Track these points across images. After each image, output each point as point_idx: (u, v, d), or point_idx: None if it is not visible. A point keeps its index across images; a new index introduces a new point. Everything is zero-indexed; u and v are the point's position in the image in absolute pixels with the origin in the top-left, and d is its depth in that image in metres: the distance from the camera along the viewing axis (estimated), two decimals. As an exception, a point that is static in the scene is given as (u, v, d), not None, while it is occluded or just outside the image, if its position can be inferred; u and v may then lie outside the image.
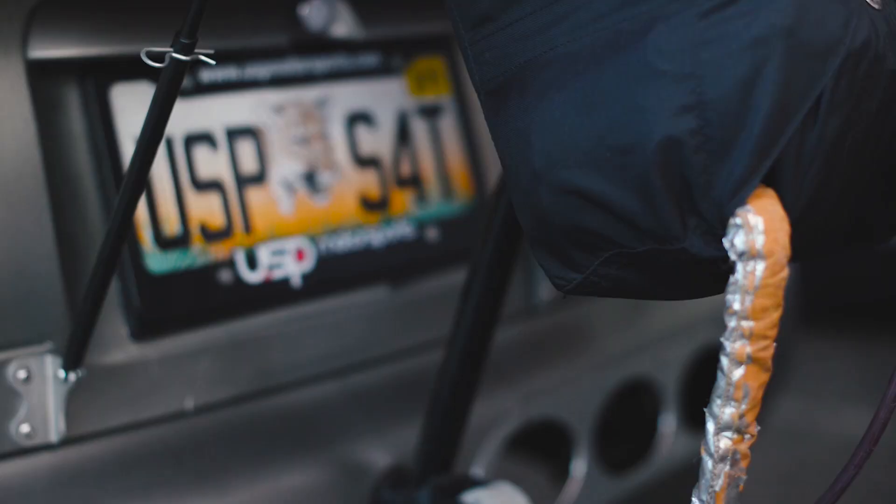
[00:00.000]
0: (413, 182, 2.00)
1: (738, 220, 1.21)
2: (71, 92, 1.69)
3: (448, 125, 2.06)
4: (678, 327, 2.41)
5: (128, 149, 1.71)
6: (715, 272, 1.28)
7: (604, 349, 2.28)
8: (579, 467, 2.20)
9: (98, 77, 1.69)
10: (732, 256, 1.22)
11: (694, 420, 2.43)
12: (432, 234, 2.01)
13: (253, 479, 1.79)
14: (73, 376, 1.61)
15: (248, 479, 1.79)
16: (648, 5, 1.26)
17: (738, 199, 1.22)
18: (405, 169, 1.99)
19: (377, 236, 1.94)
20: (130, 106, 1.72)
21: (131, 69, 1.72)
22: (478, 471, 2.02)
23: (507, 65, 1.32)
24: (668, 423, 2.37)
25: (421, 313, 2.01)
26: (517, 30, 1.32)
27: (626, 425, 2.32)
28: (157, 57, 1.37)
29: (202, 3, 1.35)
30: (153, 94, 1.41)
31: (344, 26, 1.89)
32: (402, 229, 1.98)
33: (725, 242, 1.22)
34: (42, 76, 1.64)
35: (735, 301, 1.22)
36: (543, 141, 1.29)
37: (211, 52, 1.38)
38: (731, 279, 1.22)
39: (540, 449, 2.24)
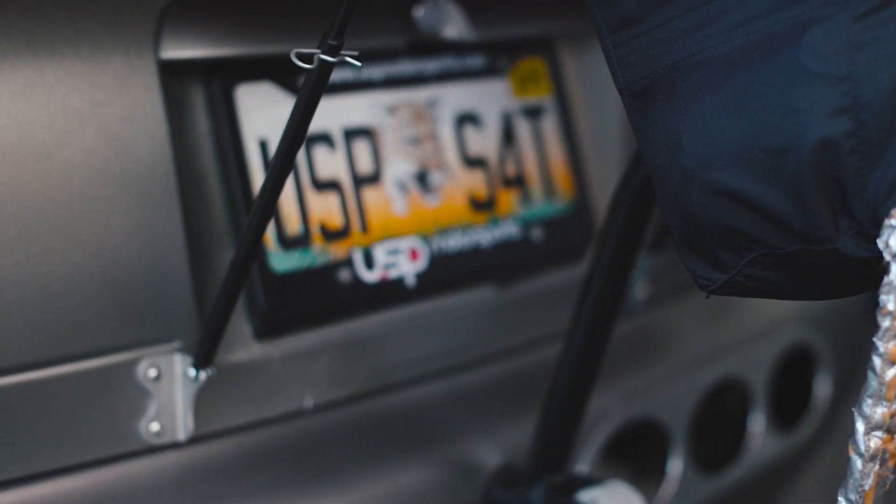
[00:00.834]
0: (518, 182, 2.00)
1: (892, 222, 1.21)
2: (196, 92, 1.69)
3: (549, 126, 2.05)
4: (766, 327, 2.40)
5: (252, 149, 1.70)
6: (865, 273, 1.27)
7: (697, 348, 2.27)
8: (675, 467, 2.19)
9: (223, 77, 1.69)
10: (887, 257, 1.21)
11: (782, 419, 2.42)
12: (536, 233, 2.00)
13: (369, 477, 1.79)
14: (203, 375, 1.60)
15: (365, 478, 1.78)
16: (802, 8, 1.25)
17: (892, 200, 1.21)
18: (510, 169, 1.99)
19: (485, 236, 1.94)
20: (254, 106, 1.71)
21: (255, 70, 1.72)
22: (581, 471, 2.02)
23: (653, 67, 1.32)
24: (758, 423, 2.36)
25: (526, 312, 2.01)
26: (663, 32, 1.31)
27: (716, 425, 2.31)
28: (305, 58, 1.37)
29: (351, 6, 1.35)
30: (298, 94, 1.40)
31: (455, 28, 1.88)
32: (508, 229, 1.97)
33: (880, 243, 1.21)
34: (171, 77, 1.64)
35: (890, 301, 1.21)
36: (694, 143, 1.28)
37: (355, 53, 1.38)
38: (886, 280, 1.21)
39: (628, 449, 2.23)
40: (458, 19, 1.88)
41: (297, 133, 1.42)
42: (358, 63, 1.37)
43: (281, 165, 1.43)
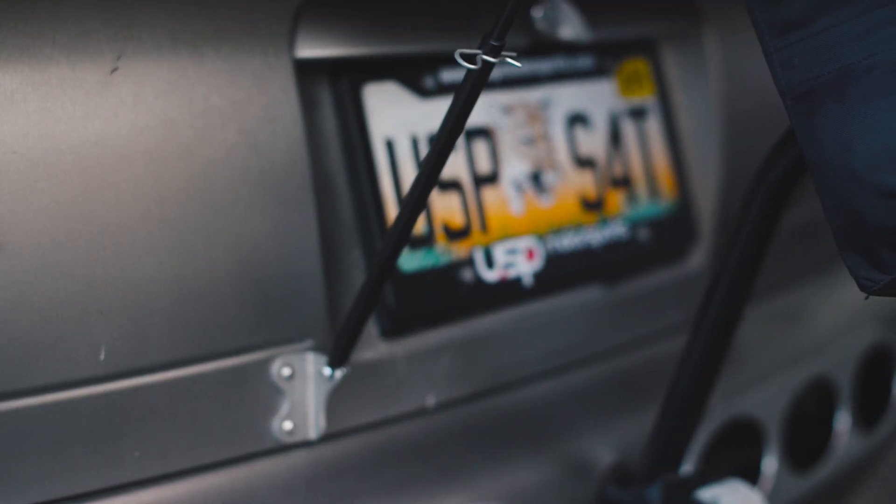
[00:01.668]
0: (624, 182, 1.96)
1: None
2: (323, 91, 1.65)
3: (653, 126, 2.02)
4: (850, 327, 2.37)
5: (379, 148, 1.67)
6: None
7: (790, 348, 2.24)
8: (770, 465, 2.16)
9: (352, 77, 1.65)
10: None
11: (864, 418, 2.39)
12: (642, 233, 1.97)
13: (489, 475, 1.75)
14: (338, 374, 1.57)
15: (485, 476, 1.75)
16: None
17: None
18: (617, 169, 1.95)
19: (595, 236, 1.90)
20: (380, 106, 1.68)
21: (380, 69, 1.68)
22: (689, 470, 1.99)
23: (818, 70, 1.29)
24: (843, 422, 2.33)
25: (632, 311, 1.97)
26: (830, 36, 1.28)
27: (805, 424, 2.28)
28: (467, 58, 1.33)
29: (515, 9, 1.31)
30: (455, 93, 1.36)
31: (571, 28, 1.85)
32: (616, 229, 1.94)
33: None
34: (303, 76, 1.60)
35: None
36: (866, 146, 1.25)
37: (514, 54, 1.34)
38: None
39: (724, 447, 2.20)
40: (573, 20, 1.85)
41: (454, 131, 1.38)
42: (517, 64, 1.34)
43: (434, 164, 1.40)
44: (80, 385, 1.43)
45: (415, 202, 1.42)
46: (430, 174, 1.41)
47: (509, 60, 1.34)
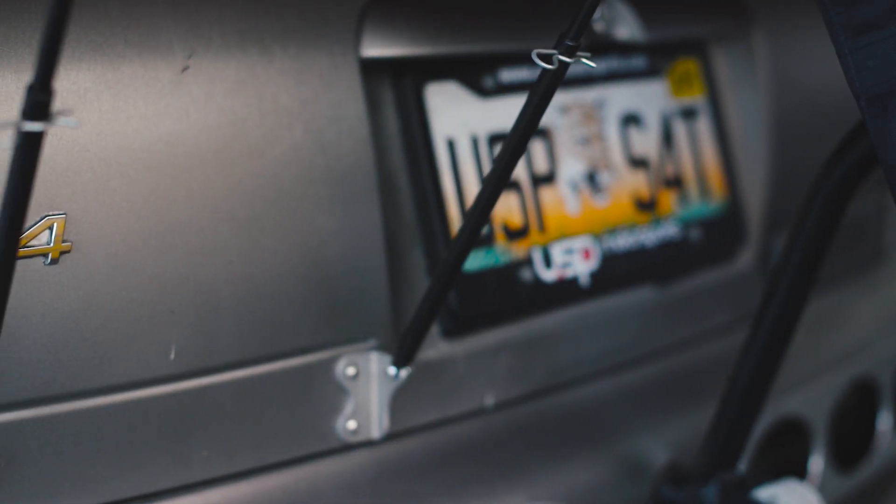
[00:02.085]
0: (676, 183, 1.94)
1: None
2: (386, 91, 1.63)
3: (703, 127, 2.00)
4: (892, 327, 2.35)
5: (441, 148, 1.65)
6: None
7: (835, 347, 2.22)
8: (816, 464, 2.14)
9: (415, 76, 1.63)
10: None
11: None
12: (693, 233, 1.95)
13: (547, 475, 1.73)
14: (403, 373, 1.55)
15: (544, 475, 1.73)
16: None
17: None
18: (669, 169, 1.93)
19: (648, 236, 1.88)
20: (441, 105, 1.65)
21: (442, 69, 1.66)
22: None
23: (894, 72, 1.27)
24: (885, 421, 2.31)
25: (685, 310, 1.95)
26: None
27: (849, 424, 2.26)
28: (544, 57, 1.31)
29: (591, 9, 1.29)
30: (530, 92, 1.34)
31: (627, 29, 1.83)
32: (668, 229, 1.91)
33: None
34: (368, 75, 1.58)
35: None
36: None
37: (588, 54, 1.32)
38: None
39: (771, 446, 2.18)
40: (629, 20, 1.83)
41: (527, 131, 1.36)
42: (592, 64, 1.32)
43: (506, 164, 1.38)
44: (151, 384, 1.41)
45: (486, 202, 1.40)
46: (501, 174, 1.38)
47: (584, 61, 1.32)
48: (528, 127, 1.36)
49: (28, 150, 1.05)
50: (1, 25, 1.30)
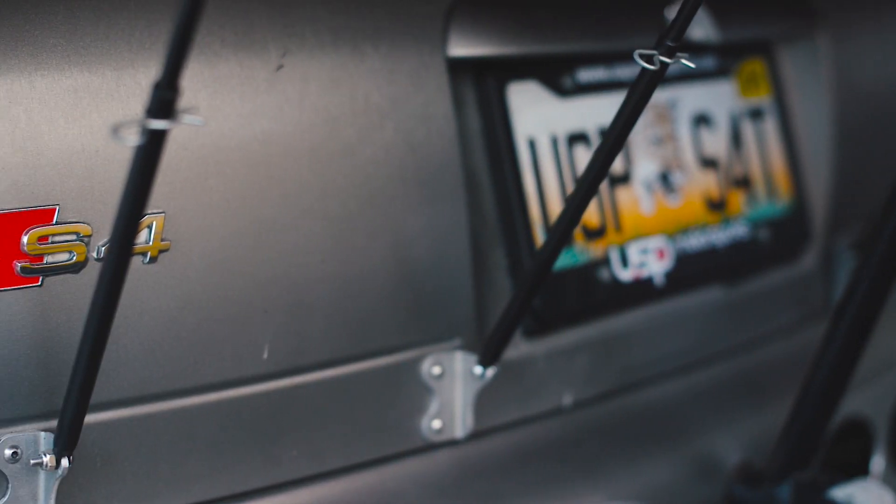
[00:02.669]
0: (744, 183, 1.91)
1: None
2: (468, 90, 1.60)
3: (769, 127, 1.97)
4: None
5: (522, 148, 1.62)
6: None
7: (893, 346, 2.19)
8: (878, 464, 2.11)
9: (497, 76, 1.60)
10: None
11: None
12: (761, 233, 1.92)
13: (624, 474, 1.70)
14: (489, 372, 1.52)
15: (621, 474, 1.70)
16: None
17: None
18: (738, 169, 1.90)
19: (718, 236, 1.86)
20: (522, 105, 1.62)
21: (523, 69, 1.63)
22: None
23: None
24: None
25: (753, 310, 1.93)
26: None
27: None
28: (645, 58, 1.29)
29: (693, 10, 1.26)
30: (628, 92, 1.32)
31: (701, 29, 1.80)
32: (737, 229, 1.89)
33: None
34: (454, 74, 1.55)
35: None
36: None
37: (686, 55, 1.30)
38: None
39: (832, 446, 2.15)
40: (703, 21, 1.80)
41: (624, 130, 1.33)
42: (692, 64, 1.29)
43: (602, 163, 1.35)
44: (244, 384, 1.38)
45: (580, 200, 1.37)
46: (598, 173, 1.36)
47: (683, 61, 1.29)
48: (625, 127, 1.33)
49: (152, 148, 1.02)
50: (101, 23, 1.27)
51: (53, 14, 1.25)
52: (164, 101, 1.01)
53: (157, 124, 1.01)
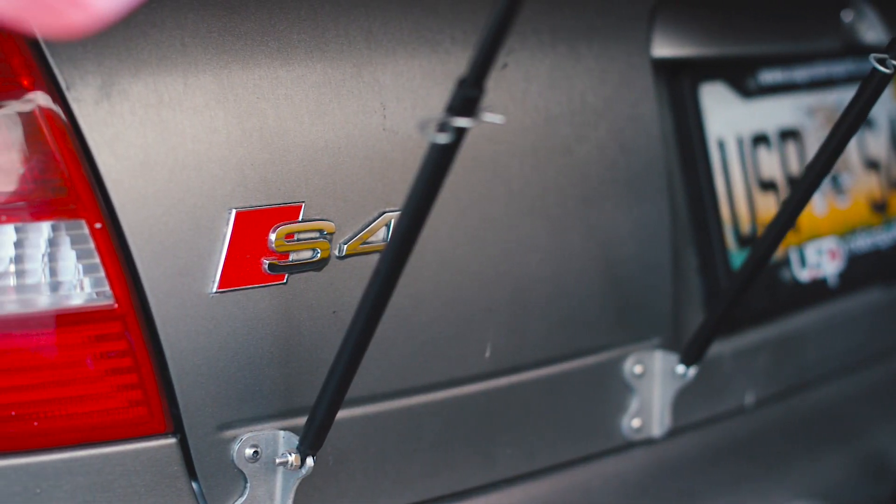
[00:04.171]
0: (902, 185, 1.85)
1: None
2: (662, 90, 1.53)
3: (922, 130, 1.90)
4: None
5: (713, 148, 1.55)
6: None
7: None
8: None
9: (692, 76, 1.53)
10: None
11: None
12: (918, 235, 1.86)
13: (803, 473, 1.64)
14: (691, 371, 1.45)
15: (800, 473, 1.64)
16: None
17: None
18: (896, 171, 1.84)
19: (882, 237, 1.79)
20: (713, 106, 1.55)
21: (712, 69, 1.56)
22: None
23: None
24: None
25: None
26: None
27: None
28: (881, 61, 1.22)
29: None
30: (855, 95, 1.25)
31: (874, 32, 1.73)
32: (897, 230, 1.83)
33: None
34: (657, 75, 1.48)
35: None
36: None
37: (897, 63, 1.23)
38: None
39: None
40: (875, 24, 1.73)
41: (849, 132, 1.27)
42: (919, 69, 1.23)
43: (825, 163, 1.28)
44: (467, 382, 1.31)
45: (798, 201, 1.31)
46: (819, 172, 1.29)
47: (906, 67, 1.23)
48: (851, 128, 1.27)
49: (451, 144, 0.96)
50: (340, 20, 1.20)
51: (297, 10, 1.19)
52: (468, 98, 0.94)
53: (461, 122, 0.95)
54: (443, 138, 0.94)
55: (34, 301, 1.09)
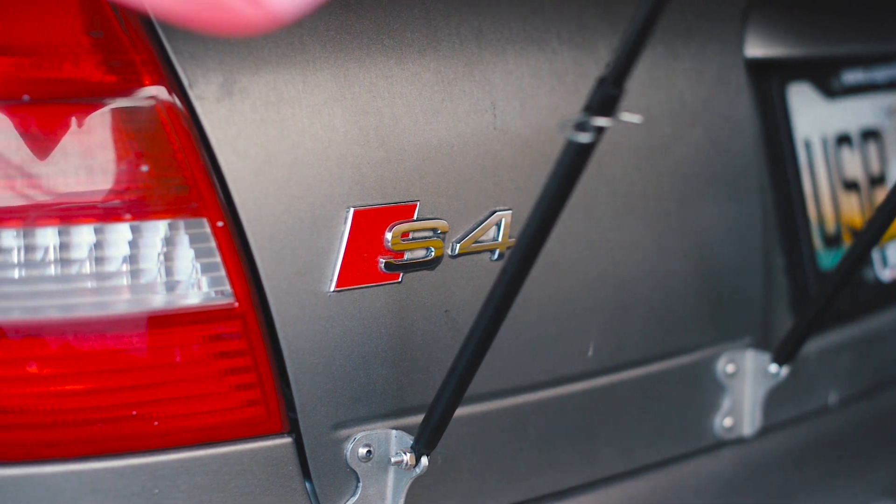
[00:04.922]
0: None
1: None
2: (751, 90, 1.50)
3: None
4: None
5: (800, 148, 1.52)
6: None
7: None
8: None
9: (780, 76, 1.50)
10: None
11: None
12: None
13: (886, 472, 1.61)
14: (784, 370, 1.42)
15: (882, 473, 1.61)
16: None
17: None
18: (966, 172, 1.81)
19: (958, 237, 1.76)
20: (799, 106, 1.52)
21: (799, 70, 1.53)
22: None
23: None
24: None
25: None
26: None
27: None
28: None
29: None
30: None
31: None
32: (969, 231, 1.79)
33: None
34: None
35: None
36: None
37: None
38: None
39: None
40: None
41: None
42: None
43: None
44: (569, 381, 1.28)
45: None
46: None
47: None
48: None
49: (589, 144, 0.93)
50: (452, 19, 1.18)
51: (410, 9, 1.16)
52: (608, 98, 0.91)
53: (600, 121, 0.92)
54: (583, 137, 0.91)
55: (152, 300, 1.06)
